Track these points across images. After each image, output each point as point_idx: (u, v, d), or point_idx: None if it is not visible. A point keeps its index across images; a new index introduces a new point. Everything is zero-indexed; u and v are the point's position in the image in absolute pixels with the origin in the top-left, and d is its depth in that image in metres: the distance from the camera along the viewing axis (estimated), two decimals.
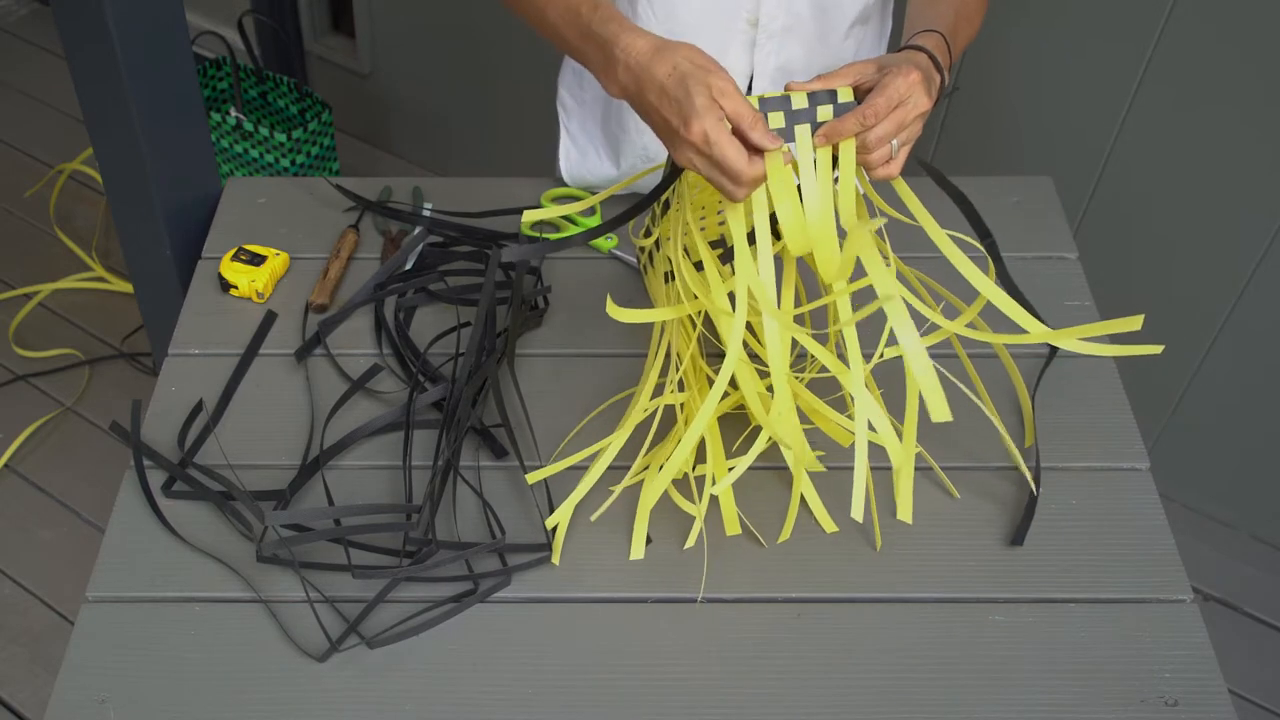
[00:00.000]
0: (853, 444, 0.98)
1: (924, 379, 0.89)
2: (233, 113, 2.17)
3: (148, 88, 1.19)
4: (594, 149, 1.33)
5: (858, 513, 0.97)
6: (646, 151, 1.27)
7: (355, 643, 0.95)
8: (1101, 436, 1.11)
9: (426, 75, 2.40)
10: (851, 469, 0.97)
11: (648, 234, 1.13)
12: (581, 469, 1.04)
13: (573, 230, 1.30)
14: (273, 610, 0.97)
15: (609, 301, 0.92)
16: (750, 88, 1.18)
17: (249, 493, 1.02)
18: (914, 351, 0.89)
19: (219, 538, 1.02)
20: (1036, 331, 0.93)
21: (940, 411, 0.89)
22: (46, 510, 1.97)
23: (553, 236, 1.03)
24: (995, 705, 0.92)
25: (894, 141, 0.91)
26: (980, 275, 0.93)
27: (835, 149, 0.91)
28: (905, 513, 1.03)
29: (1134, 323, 0.88)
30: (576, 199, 1.35)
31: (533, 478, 1.03)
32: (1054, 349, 1.18)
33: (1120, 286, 1.78)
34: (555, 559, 1.00)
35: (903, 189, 0.95)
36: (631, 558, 1.00)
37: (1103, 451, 1.10)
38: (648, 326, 1.10)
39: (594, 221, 1.32)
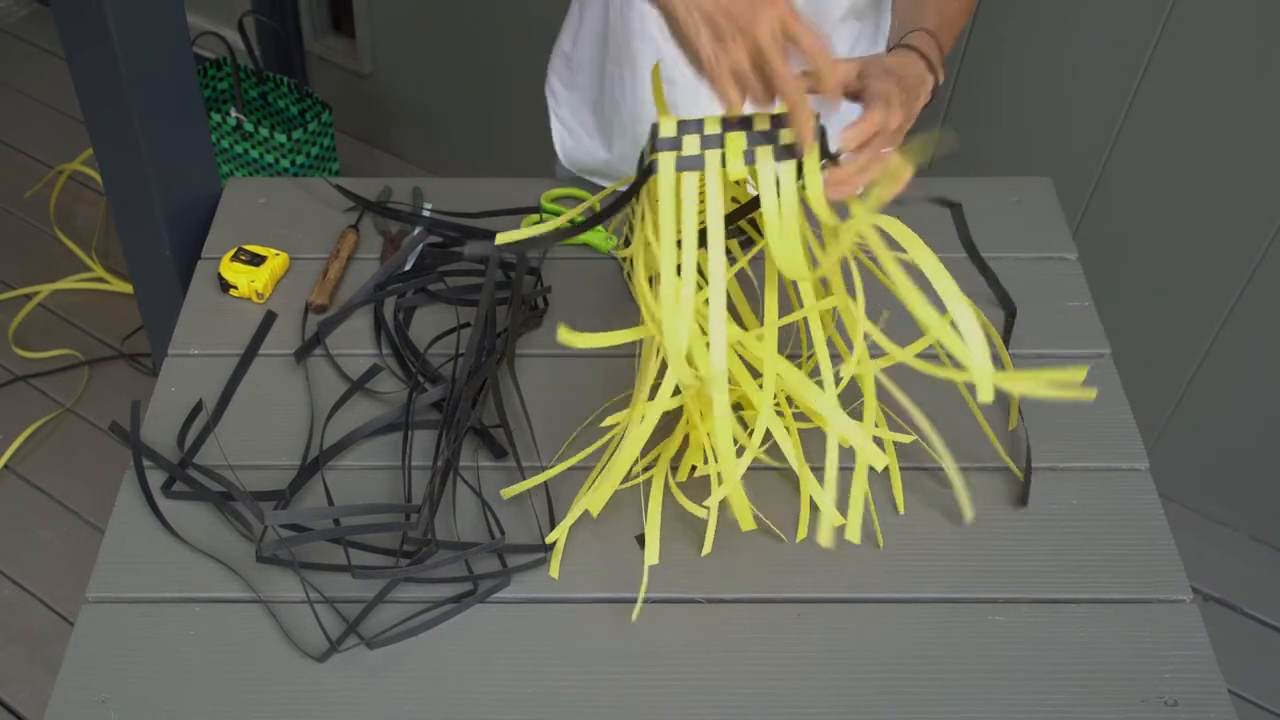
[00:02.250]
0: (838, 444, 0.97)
1: (976, 353, 0.84)
2: (233, 113, 2.17)
3: (148, 88, 1.19)
4: (585, 133, 1.34)
5: (854, 534, 0.99)
6: (638, 138, 1.27)
7: (355, 643, 0.95)
8: (1101, 436, 1.11)
9: (426, 75, 2.40)
10: (838, 468, 0.97)
11: (627, 243, 1.12)
12: (578, 469, 1.04)
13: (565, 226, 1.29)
14: (272, 610, 0.97)
15: (560, 328, 0.90)
16: None
17: (249, 493, 1.02)
18: (965, 320, 0.85)
19: (219, 538, 1.02)
20: (980, 373, 0.86)
21: (987, 392, 0.85)
22: (46, 510, 1.97)
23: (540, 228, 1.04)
24: (995, 705, 0.92)
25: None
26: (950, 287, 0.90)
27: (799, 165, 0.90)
28: (854, 532, 1.01)
29: (1077, 375, 0.86)
30: (576, 199, 1.35)
31: (508, 493, 1.02)
32: (1014, 311, 1.18)
33: (1120, 286, 1.78)
34: (554, 573, 1.00)
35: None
36: (647, 564, 0.99)
37: (1102, 451, 1.10)
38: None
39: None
